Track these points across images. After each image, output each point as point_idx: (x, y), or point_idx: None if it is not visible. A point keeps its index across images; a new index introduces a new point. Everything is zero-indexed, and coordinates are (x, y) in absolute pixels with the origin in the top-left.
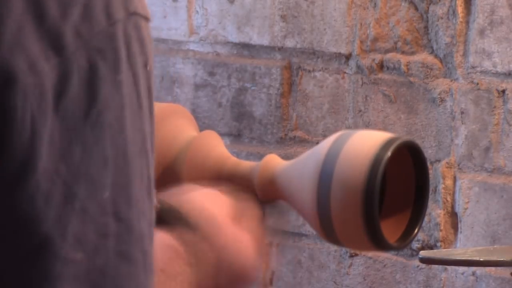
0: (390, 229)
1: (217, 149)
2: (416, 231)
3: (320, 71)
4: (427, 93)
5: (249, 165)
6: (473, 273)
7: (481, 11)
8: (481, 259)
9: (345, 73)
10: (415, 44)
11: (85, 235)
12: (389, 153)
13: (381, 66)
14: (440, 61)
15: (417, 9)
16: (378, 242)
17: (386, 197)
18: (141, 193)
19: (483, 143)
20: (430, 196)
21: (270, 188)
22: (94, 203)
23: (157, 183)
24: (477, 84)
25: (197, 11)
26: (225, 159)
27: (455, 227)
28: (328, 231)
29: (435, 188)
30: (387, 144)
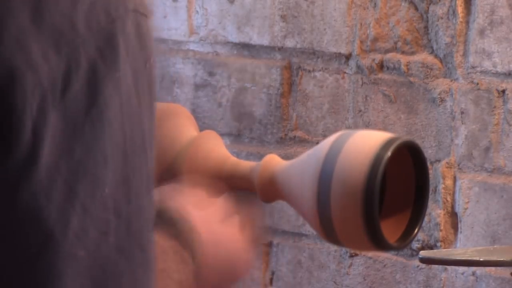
0: (390, 229)
1: (217, 149)
2: (416, 231)
3: (320, 71)
4: (427, 93)
5: (249, 165)
6: (473, 273)
7: (481, 11)
8: (481, 259)
9: (345, 73)
10: (415, 44)
11: (86, 232)
12: (389, 153)
13: (381, 66)
14: (440, 61)
15: (417, 9)
16: (378, 242)
17: (386, 197)
18: (140, 189)
19: (483, 143)
20: (430, 196)
21: (270, 188)
22: (94, 200)
23: (157, 183)
24: (477, 84)
25: (197, 11)
26: (225, 159)
27: (455, 227)
28: (328, 231)
29: (435, 188)
30: (387, 144)
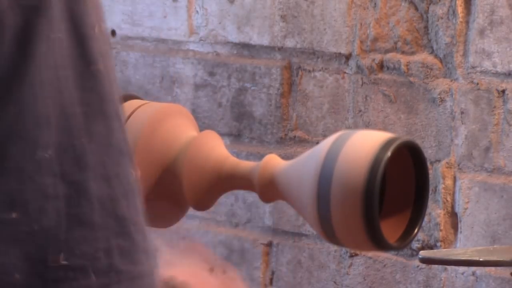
0: (390, 229)
1: (217, 149)
2: (416, 231)
3: (320, 71)
4: (427, 93)
5: (249, 165)
6: (473, 273)
7: (481, 11)
8: (481, 259)
9: (345, 73)
10: (415, 44)
11: (22, 195)
12: (389, 153)
13: (381, 66)
14: (440, 61)
15: (417, 9)
16: (378, 242)
17: (386, 197)
18: (107, 157)
19: (483, 143)
20: (430, 196)
21: (270, 188)
22: (31, 162)
23: (157, 183)
24: (477, 84)
25: (197, 11)
26: (225, 159)
27: (455, 227)
28: (328, 231)
29: (435, 188)
30: (387, 144)
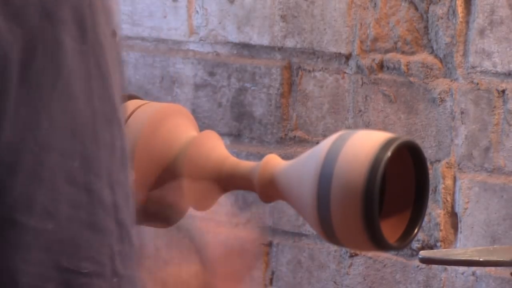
0: (390, 229)
1: (217, 149)
2: (416, 231)
3: (320, 71)
4: (427, 93)
5: (249, 165)
6: (473, 273)
7: (481, 11)
8: (481, 259)
9: (345, 73)
10: (415, 44)
11: (56, 206)
12: (389, 153)
13: (381, 66)
14: (440, 61)
15: (417, 9)
16: (378, 242)
17: (386, 197)
18: (112, 164)
19: (483, 143)
20: (430, 196)
21: (270, 188)
22: (63, 174)
23: (157, 183)
24: (477, 84)
25: (197, 11)
26: (225, 159)
27: (455, 227)
28: (328, 231)
29: (435, 188)
30: (387, 144)
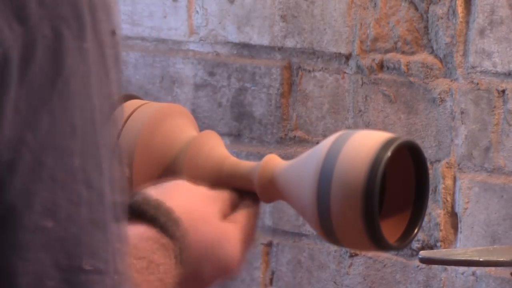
0: (390, 229)
1: (217, 149)
2: (416, 231)
3: (320, 71)
4: (427, 93)
5: (249, 165)
6: (473, 273)
7: (481, 11)
8: (481, 259)
9: (345, 73)
10: (415, 44)
11: (56, 204)
12: (389, 153)
13: (381, 66)
14: (440, 61)
15: (417, 9)
16: (378, 242)
17: (386, 197)
18: (110, 161)
19: (483, 143)
20: (430, 196)
21: (270, 188)
22: (63, 171)
23: (157, 183)
24: (477, 84)
25: (197, 11)
26: (225, 159)
27: (455, 227)
28: (328, 231)
29: (435, 188)
30: (387, 144)
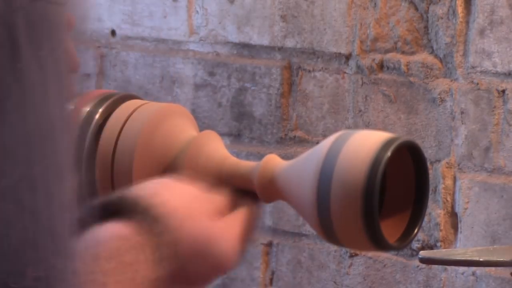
0: (390, 229)
1: (216, 149)
2: (416, 231)
3: (320, 71)
4: (427, 93)
5: (249, 165)
6: (473, 273)
7: (481, 11)
8: (481, 259)
9: (345, 73)
10: (415, 44)
11: (7, 211)
12: (389, 153)
13: (381, 66)
14: (440, 61)
15: (417, 9)
16: (378, 242)
17: (386, 197)
18: (49, 178)
19: (483, 143)
20: (430, 196)
21: (270, 188)
22: (19, 178)
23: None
24: (477, 84)
25: (197, 11)
26: (225, 159)
27: (455, 227)
28: (328, 231)
29: (435, 188)
30: (387, 144)
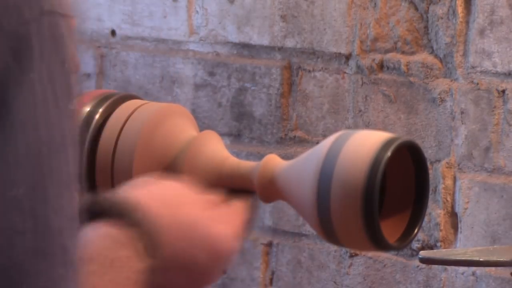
0: (390, 229)
1: (217, 149)
2: (416, 231)
3: (320, 71)
4: (427, 93)
5: (249, 165)
6: (473, 273)
7: (481, 11)
8: (481, 259)
9: (345, 73)
10: (415, 44)
11: None
12: (389, 153)
13: (381, 66)
14: (440, 61)
15: (417, 9)
16: (378, 242)
17: (386, 197)
18: (58, 189)
19: (483, 143)
20: (430, 196)
21: (270, 188)
22: (4, 202)
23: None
24: (477, 84)
25: (197, 11)
26: (225, 159)
27: (455, 227)
28: (328, 231)
29: (435, 188)
30: (387, 144)
